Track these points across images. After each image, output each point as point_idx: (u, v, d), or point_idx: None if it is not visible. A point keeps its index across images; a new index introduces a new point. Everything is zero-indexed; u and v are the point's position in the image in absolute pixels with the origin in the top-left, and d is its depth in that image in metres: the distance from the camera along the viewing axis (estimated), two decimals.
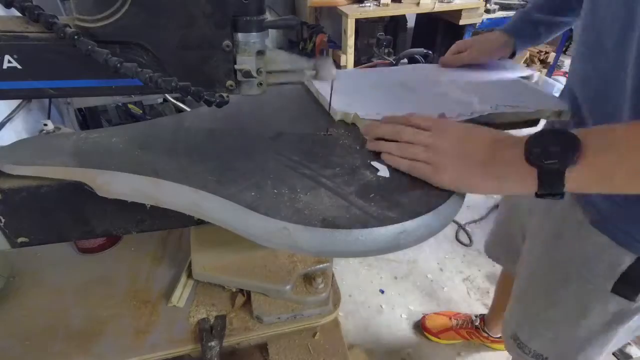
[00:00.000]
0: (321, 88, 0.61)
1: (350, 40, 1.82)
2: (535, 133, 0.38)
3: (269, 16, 0.39)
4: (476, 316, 1.33)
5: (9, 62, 0.36)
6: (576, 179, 0.36)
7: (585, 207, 0.56)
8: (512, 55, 0.76)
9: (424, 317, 1.43)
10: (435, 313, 1.43)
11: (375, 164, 0.45)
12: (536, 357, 0.70)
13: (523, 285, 0.73)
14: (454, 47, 0.77)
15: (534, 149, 0.37)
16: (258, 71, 0.40)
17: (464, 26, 1.96)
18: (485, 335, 1.28)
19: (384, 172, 0.44)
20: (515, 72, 0.73)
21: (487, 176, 0.40)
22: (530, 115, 0.57)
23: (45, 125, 1.10)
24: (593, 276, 0.57)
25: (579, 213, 0.57)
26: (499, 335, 1.27)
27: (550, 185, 0.37)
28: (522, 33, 0.74)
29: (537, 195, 0.38)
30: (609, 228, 0.54)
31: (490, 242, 0.98)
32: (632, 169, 0.35)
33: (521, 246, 0.76)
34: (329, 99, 0.56)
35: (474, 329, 1.30)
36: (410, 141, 0.44)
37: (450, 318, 1.37)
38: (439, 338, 1.36)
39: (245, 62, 0.39)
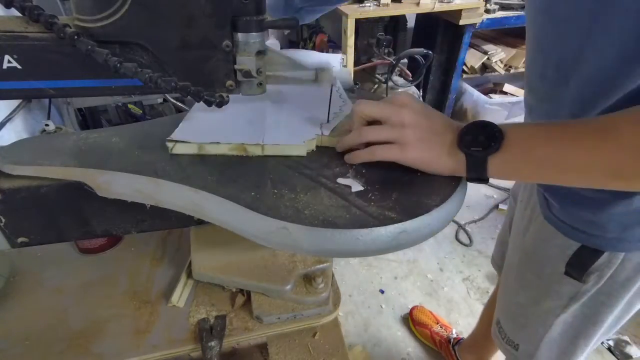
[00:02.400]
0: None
1: (350, 40, 1.82)
2: (469, 124, 0.41)
3: (269, 16, 0.39)
4: (457, 334, 1.34)
5: (9, 62, 0.36)
6: (496, 166, 0.40)
7: (540, 201, 0.61)
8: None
9: (416, 306, 1.47)
10: (430, 311, 1.45)
11: (342, 180, 0.42)
12: (509, 343, 0.72)
13: (504, 272, 0.76)
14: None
15: (466, 137, 0.40)
16: (258, 71, 0.40)
17: (464, 26, 1.95)
18: (452, 353, 1.28)
19: (355, 186, 0.42)
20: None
21: (448, 155, 0.42)
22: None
23: (47, 125, 1.10)
24: (548, 260, 0.60)
25: (540, 207, 0.62)
26: None
27: (475, 170, 0.40)
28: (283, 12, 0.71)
29: (467, 179, 0.42)
30: (553, 220, 0.58)
31: (495, 253, 0.97)
32: (535, 161, 0.39)
33: None
34: (328, 106, 0.54)
35: (446, 342, 1.31)
36: (376, 139, 0.43)
37: (437, 322, 1.38)
38: (415, 329, 1.41)
39: (245, 62, 0.39)
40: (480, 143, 0.40)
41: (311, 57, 0.61)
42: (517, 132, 0.40)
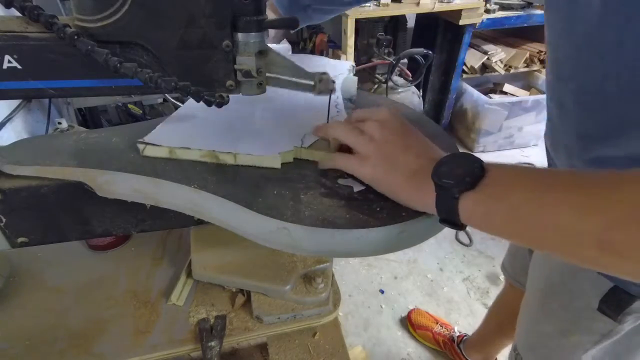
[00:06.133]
0: None
1: (350, 40, 1.82)
2: (451, 154, 0.37)
3: (268, 16, 0.39)
4: (459, 332, 1.34)
5: (9, 62, 0.36)
6: (467, 207, 0.33)
7: None
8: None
9: (413, 309, 1.46)
10: (426, 311, 1.45)
11: (342, 181, 0.42)
12: None
13: (526, 297, 0.72)
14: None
15: (441, 167, 0.35)
16: (258, 71, 0.40)
17: (464, 26, 1.95)
18: (458, 351, 1.28)
19: (357, 186, 0.41)
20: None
21: (415, 184, 0.37)
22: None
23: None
24: (581, 292, 0.56)
25: None
26: None
27: (444, 206, 0.34)
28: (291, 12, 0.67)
29: (440, 220, 0.36)
30: None
31: (506, 262, 0.95)
32: (509, 208, 0.31)
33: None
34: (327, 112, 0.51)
35: (450, 341, 1.31)
36: (341, 138, 0.42)
37: (436, 322, 1.38)
38: (416, 332, 1.40)
39: (245, 62, 0.39)
40: (455, 176, 0.33)
41: (319, 62, 0.60)
42: (500, 171, 0.33)
